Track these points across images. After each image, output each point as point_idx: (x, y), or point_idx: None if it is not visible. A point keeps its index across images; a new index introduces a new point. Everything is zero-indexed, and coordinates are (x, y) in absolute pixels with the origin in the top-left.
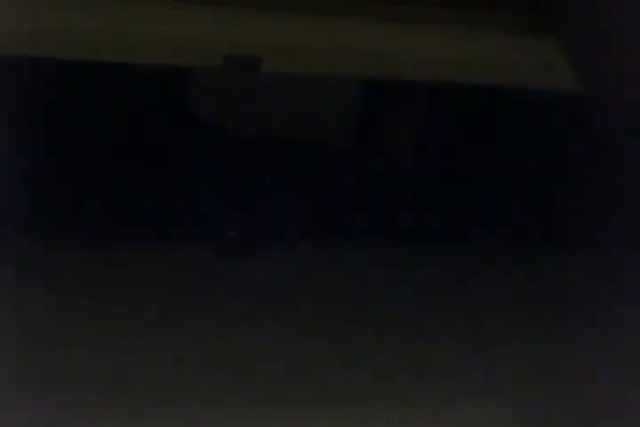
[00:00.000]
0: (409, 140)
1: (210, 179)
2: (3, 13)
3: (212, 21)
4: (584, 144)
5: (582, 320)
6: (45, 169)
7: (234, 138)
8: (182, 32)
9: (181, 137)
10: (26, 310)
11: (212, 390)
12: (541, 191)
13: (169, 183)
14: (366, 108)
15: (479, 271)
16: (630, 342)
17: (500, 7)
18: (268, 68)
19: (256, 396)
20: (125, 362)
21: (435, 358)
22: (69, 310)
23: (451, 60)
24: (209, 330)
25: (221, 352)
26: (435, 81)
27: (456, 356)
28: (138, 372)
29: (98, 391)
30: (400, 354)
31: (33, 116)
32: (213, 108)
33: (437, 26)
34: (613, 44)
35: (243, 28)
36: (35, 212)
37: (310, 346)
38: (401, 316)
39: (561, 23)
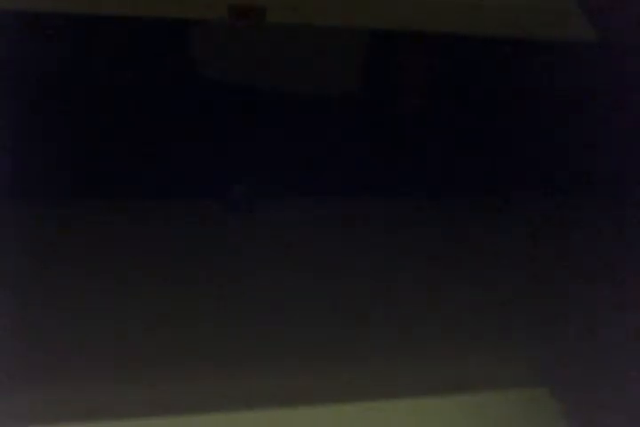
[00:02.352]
0: (415, 93)
1: (217, 135)
2: None
3: None
4: (598, 94)
5: None
6: (49, 123)
7: (239, 91)
8: None
9: (187, 91)
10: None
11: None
12: (545, 138)
13: (176, 140)
14: (371, 58)
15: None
16: None
17: None
18: (272, 18)
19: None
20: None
21: None
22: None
23: (457, 10)
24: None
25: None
26: (441, 31)
27: None
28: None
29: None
30: None
31: (34, 72)
32: (219, 61)
33: None
34: None
35: None
36: (42, 166)
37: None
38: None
39: None
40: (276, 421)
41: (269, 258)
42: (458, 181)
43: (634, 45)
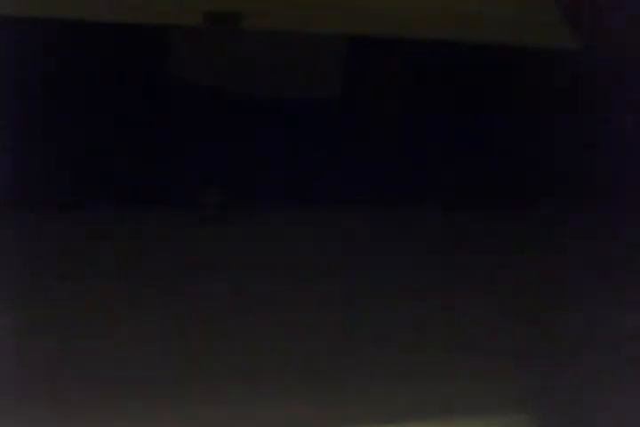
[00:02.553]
0: (395, 98)
1: (191, 142)
2: None
3: None
4: (580, 101)
5: None
6: (26, 130)
7: (217, 97)
8: None
9: (164, 98)
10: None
11: None
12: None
13: (151, 146)
14: (352, 65)
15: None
16: None
17: None
18: (249, 25)
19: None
20: None
21: None
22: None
23: (441, 17)
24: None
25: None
26: (424, 38)
27: None
28: None
29: None
30: None
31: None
32: (195, 67)
33: None
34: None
35: None
36: (17, 173)
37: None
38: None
39: None
40: None
41: (243, 269)
42: (443, 184)
43: (614, 53)
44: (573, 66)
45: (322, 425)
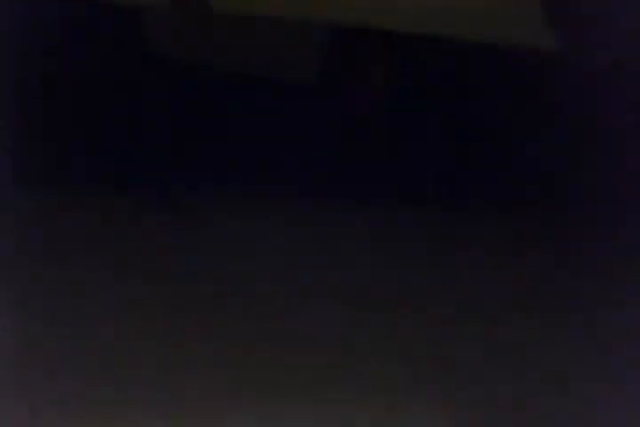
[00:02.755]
0: (380, 89)
1: (166, 128)
2: None
3: None
4: (557, 101)
5: None
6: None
7: (193, 79)
8: None
9: (140, 79)
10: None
11: None
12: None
13: (125, 134)
14: (331, 53)
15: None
16: None
17: None
18: (218, 6)
19: None
20: None
21: None
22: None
23: (424, 11)
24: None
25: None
26: (408, 32)
27: None
28: None
29: None
30: None
31: None
32: (170, 49)
33: None
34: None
35: None
36: None
37: None
38: None
39: None
40: None
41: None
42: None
43: (596, 55)
44: (561, 66)
45: None
